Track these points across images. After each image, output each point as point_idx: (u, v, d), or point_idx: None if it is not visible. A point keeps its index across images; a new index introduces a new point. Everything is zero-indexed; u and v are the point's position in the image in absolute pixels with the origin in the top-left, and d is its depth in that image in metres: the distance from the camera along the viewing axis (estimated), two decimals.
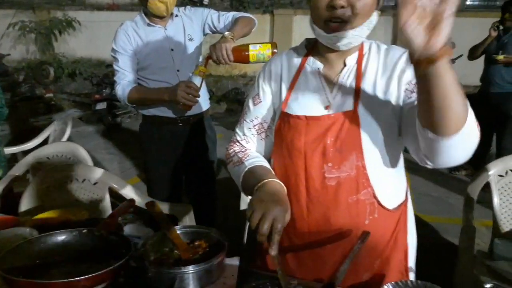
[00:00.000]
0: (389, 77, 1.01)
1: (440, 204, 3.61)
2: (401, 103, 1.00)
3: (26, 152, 2.77)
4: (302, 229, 1.07)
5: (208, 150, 2.25)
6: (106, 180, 1.86)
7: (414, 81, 0.97)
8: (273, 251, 0.85)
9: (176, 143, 2.14)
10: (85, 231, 1.02)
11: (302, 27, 7.22)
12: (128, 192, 1.87)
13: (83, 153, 2.17)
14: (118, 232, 1.04)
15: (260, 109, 1.16)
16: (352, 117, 0.99)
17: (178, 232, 1.07)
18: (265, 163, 1.11)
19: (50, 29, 8.39)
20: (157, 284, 0.93)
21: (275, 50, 1.69)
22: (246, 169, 1.07)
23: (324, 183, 1.01)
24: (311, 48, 1.12)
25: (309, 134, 1.02)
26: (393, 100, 1.00)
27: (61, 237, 0.99)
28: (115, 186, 1.87)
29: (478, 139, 0.81)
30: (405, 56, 1.02)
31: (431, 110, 0.75)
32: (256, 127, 1.18)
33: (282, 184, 1.00)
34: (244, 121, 1.19)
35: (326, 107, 1.03)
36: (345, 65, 1.05)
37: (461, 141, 0.78)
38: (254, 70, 7.65)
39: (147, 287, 0.93)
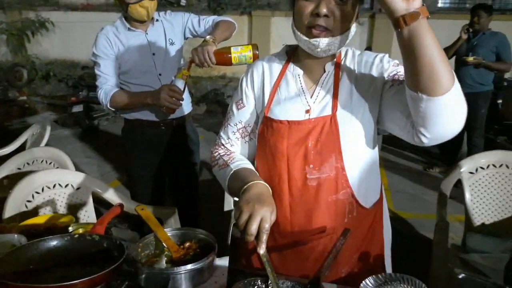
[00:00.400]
0: (365, 78, 1.07)
1: (416, 201, 3.74)
2: (379, 98, 1.06)
3: (1, 157, 2.72)
4: (286, 228, 1.12)
5: (191, 152, 2.27)
6: (89, 184, 1.87)
7: (392, 73, 1.03)
8: (262, 250, 0.89)
9: (159, 146, 2.15)
10: (76, 236, 1.03)
11: (280, 28, 7.29)
12: (112, 196, 1.87)
13: (64, 158, 2.14)
14: (109, 236, 1.06)
15: (243, 114, 1.20)
16: (331, 121, 1.04)
17: (168, 234, 1.10)
18: (250, 166, 1.15)
19: (22, 30, 8.18)
20: (150, 285, 0.96)
21: (256, 52, 1.72)
22: (232, 171, 1.11)
23: (305, 184, 1.07)
24: (292, 54, 1.17)
25: (291, 138, 1.07)
26: (371, 99, 1.06)
27: (53, 243, 1.00)
28: (98, 190, 1.87)
29: (466, 107, 0.85)
30: (378, 58, 1.09)
31: (421, 70, 0.79)
32: (240, 131, 1.21)
33: (267, 186, 1.04)
34: (228, 125, 1.23)
35: (307, 111, 1.08)
36: (324, 71, 1.11)
37: (453, 100, 0.82)
38: (233, 71, 7.66)
39: None
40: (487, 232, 1.95)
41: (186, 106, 2.18)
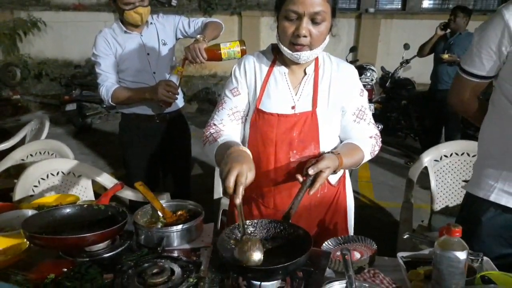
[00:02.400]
0: (340, 90, 1.30)
1: (396, 192, 3.94)
2: (343, 112, 1.32)
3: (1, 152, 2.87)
4: (269, 199, 1.35)
5: (184, 144, 2.46)
6: (88, 172, 2.04)
7: (360, 109, 1.32)
8: (238, 200, 1.03)
9: (153, 139, 2.33)
10: (85, 205, 1.22)
11: (269, 28, 7.46)
12: (109, 183, 2.04)
13: (65, 149, 2.32)
14: (112, 205, 1.25)
15: (238, 101, 1.35)
16: (312, 116, 1.28)
17: (163, 205, 1.30)
18: (236, 140, 1.31)
19: (14, 29, 8.25)
20: (148, 243, 1.15)
21: (244, 47, 1.86)
22: (219, 144, 1.26)
23: (288, 166, 1.29)
24: (277, 53, 1.34)
25: (280, 128, 1.29)
26: (340, 104, 1.31)
27: (66, 210, 1.20)
28: (97, 178, 2.04)
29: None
30: (355, 75, 1.34)
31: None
32: (235, 115, 1.36)
33: (247, 151, 1.18)
34: (223, 109, 1.36)
35: (292, 107, 1.30)
36: (305, 73, 1.32)
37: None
38: (225, 70, 7.84)
39: (140, 246, 1.15)
40: (450, 214, 2.17)
41: (179, 101, 2.35)
